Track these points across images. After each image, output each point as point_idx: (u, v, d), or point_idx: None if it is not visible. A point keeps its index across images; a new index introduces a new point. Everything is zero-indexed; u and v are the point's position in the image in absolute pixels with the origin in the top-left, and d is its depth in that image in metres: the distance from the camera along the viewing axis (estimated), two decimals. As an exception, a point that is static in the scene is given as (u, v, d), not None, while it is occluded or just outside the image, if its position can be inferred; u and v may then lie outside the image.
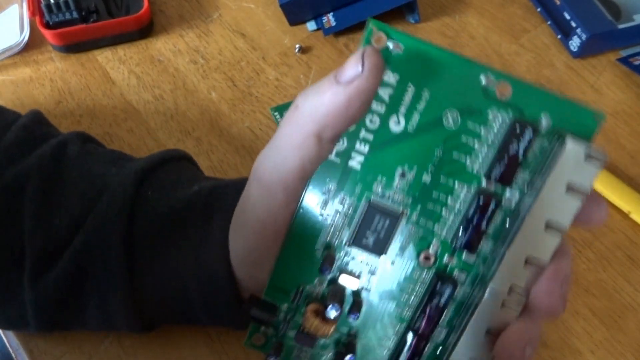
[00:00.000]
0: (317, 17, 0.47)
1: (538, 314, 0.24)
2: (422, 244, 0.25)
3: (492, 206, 0.24)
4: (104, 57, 0.45)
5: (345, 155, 0.24)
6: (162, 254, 0.28)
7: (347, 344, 0.26)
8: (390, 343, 0.26)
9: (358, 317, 0.25)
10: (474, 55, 0.46)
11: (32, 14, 0.43)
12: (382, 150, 0.24)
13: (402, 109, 0.23)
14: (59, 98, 0.42)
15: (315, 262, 0.25)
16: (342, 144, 0.24)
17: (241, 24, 0.47)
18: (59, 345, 0.32)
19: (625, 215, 0.38)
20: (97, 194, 0.28)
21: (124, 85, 0.43)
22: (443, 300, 0.25)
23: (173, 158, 0.32)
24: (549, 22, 0.48)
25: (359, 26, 0.46)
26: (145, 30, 0.45)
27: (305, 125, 0.23)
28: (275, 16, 0.47)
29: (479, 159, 0.24)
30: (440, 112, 0.23)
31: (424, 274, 0.25)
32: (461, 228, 0.24)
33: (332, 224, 0.25)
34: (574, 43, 0.45)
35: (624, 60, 0.46)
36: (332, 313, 0.24)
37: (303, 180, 0.24)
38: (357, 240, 0.25)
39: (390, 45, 0.23)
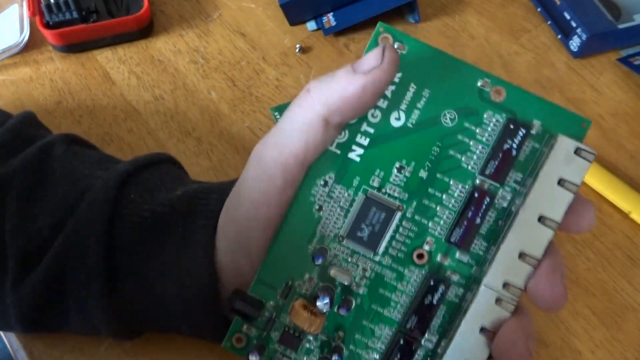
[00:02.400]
0: (317, 17, 0.46)
1: (541, 307, 0.24)
2: (416, 242, 0.25)
3: (486, 201, 0.24)
4: (104, 57, 0.45)
5: (346, 147, 0.25)
6: (144, 258, 0.27)
7: (334, 348, 0.26)
8: (380, 345, 0.26)
9: (348, 311, 0.25)
10: (474, 55, 0.46)
11: (32, 14, 0.43)
12: (382, 144, 0.25)
13: (403, 106, 0.25)
14: (59, 98, 0.42)
15: (306, 256, 0.25)
16: (343, 136, 0.25)
17: (241, 24, 0.47)
18: (59, 346, 0.32)
19: (625, 215, 0.38)
20: (79, 195, 0.28)
21: (124, 86, 0.43)
22: (435, 299, 0.25)
23: (159, 161, 0.31)
24: (549, 22, 0.48)
25: (359, 26, 0.46)
26: (145, 30, 0.45)
27: (315, 107, 0.23)
28: (276, 16, 0.47)
29: (474, 157, 0.25)
30: (439, 111, 0.25)
31: (417, 272, 0.25)
32: (455, 223, 0.24)
33: (328, 217, 0.25)
34: (574, 43, 0.45)
35: (624, 60, 0.45)
36: (322, 305, 0.24)
37: (303, 165, 0.24)
38: (351, 233, 0.25)
39: (396, 45, 0.24)
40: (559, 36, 0.47)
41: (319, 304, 0.24)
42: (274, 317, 0.26)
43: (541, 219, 0.23)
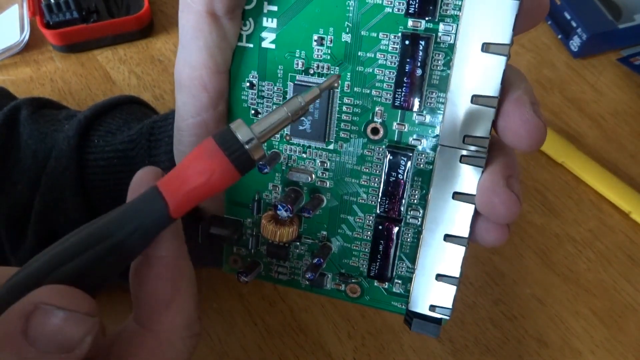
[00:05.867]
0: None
1: (520, 146, 0.21)
2: (365, 116, 0.22)
3: (421, 45, 0.20)
4: (104, 57, 0.45)
5: (256, 37, 0.22)
6: (115, 199, 0.27)
7: (321, 247, 0.24)
8: (367, 233, 0.24)
9: (310, 213, 0.23)
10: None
11: (33, 14, 0.43)
12: (291, 19, 0.22)
13: None
14: (59, 98, 0.42)
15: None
16: (248, 27, 0.22)
17: (241, 23, 0.47)
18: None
19: (625, 215, 0.38)
20: (48, 151, 0.28)
21: (125, 85, 0.43)
22: (400, 173, 0.22)
23: (120, 102, 0.31)
24: (549, 22, 0.48)
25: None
26: (146, 30, 0.45)
27: (193, 6, 0.21)
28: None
29: None
30: None
31: (377, 149, 0.22)
32: (396, 83, 0.21)
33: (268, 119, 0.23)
34: (575, 43, 0.45)
35: (624, 60, 0.46)
36: (282, 214, 0.23)
37: (219, 73, 0.22)
38: (294, 129, 0.23)
39: None
40: (559, 36, 0.47)
41: (279, 213, 0.23)
42: (255, 232, 0.25)
43: (485, 47, 0.20)
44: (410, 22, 0.21)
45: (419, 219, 0.23)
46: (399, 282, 0.24)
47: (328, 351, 0.32)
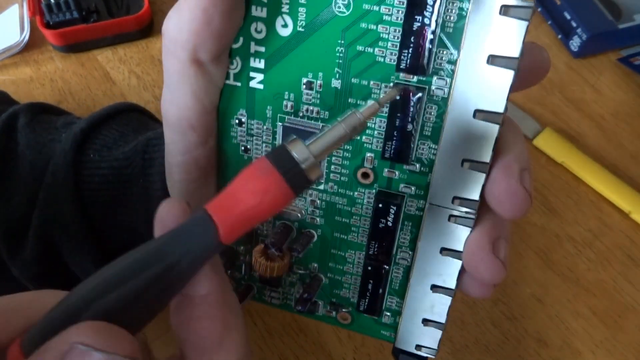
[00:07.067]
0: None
1: (503, 215, 0.20)
2: (355, 161, 0.22)
3: (413, 99, 0.20)
4: (104, 57, 0.45)
5: (244, 76, 0.22)
6: (112, 214, 0.27)
7: (311, 280, 0.25)
8: (356, 269, 0.24)
9: (299, 252, 0.23)
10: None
11: (33, 14, 0.43)
12: (279, 61, 0.21)
13: (285, 8, 0.20)
14: (59, 98, 0.42)
15: None
16: (235, 66, 0.21)
17: (241, 23, 0.47)
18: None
19: (625, 215, 0.38)
20: (45, 162, 0.28)
21: (125, 85, 0.43)
22: (390, 220, 0.22)
23: (116, 112, 0.30)
24: (549, 22, 0.48)
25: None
26: (146, 30, 0.45)
27: (177, 53, 0.20)
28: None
29: (389, 44, 0.20)
30: (328, 1, 0.20)
31: (367, 192, 0.22)
32: (386, 136, 0.21)
33: (256, 155, 0.23)
34: (575, 43, 0.45)
35: (625, 60, 0.46)
36: (271, 252, 0.23)
37: (207, 113, 0.22)
38: None
39: None
40: (559, 36, 0.47)
41: (269, 252, 0.23)
42: (248, 259, 0.25)
43: (476, 114, 0.19)
44: (401, 74, 0.20)
45: (408, 260, 0.23)
46: (388, 314, 0.24)
47: (328, 351, 0.32)
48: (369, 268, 0.23)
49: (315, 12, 0.20)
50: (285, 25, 0.20)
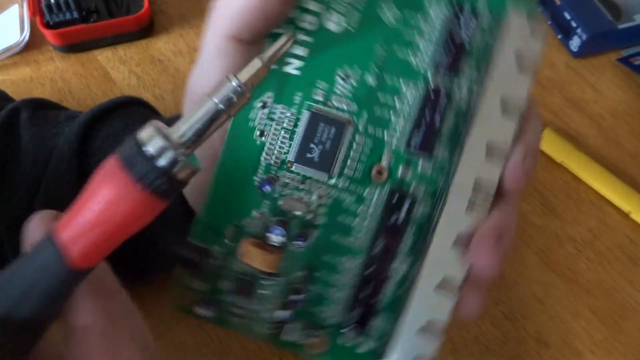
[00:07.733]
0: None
1: (513, 198, 0.22)
2: (373, 157, 0.22)
3: (442, 99, 0.22)
4: (105, 57, 0.45)
5: (281, 60, 0.22)
6: None
7: (295, 290, 0.23)
8: (349, 279, 0.23)
9: (306, 240, 0.22)
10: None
11: (33, 14, 0.43)
12: (322, 52, 0.22)
13: (340, 8, 0.22)
14: (59, 98, 0.42)
15: (252, 190, 0.22)
16: None
17: (241, 23, 0.47)
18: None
19: (625, 215, 0.38)
20: (49, 155, 0.28)
21: (125, 85, 0.43)
22: (402, 216, 0.22)
23: (121, 104, 0.30)
24: (549, 22, 0.48)
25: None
26: (146, 30, 0.45)
27: (221, 27, 0.21)
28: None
29: (422, 53, 0.22)
30: (380, 9, 0.22)
31: (378, 192, 0.22)
32: (413, 126, 0.22)
33: (272, 142, 0.22)
34: (574, 43, 0.45)
35: (624, 60, 0.46)
36: (276, 237, 0.21)
37: None
38: (300, 156, 0.22)
39: None
40: (559, 36, 0.47)
41: (272, 237, 0.22)
42: (223, 264, 0.23)
43: (504, 104, 0.21)
44: (430, 76, 0.22)
45: (406, 268, 0.23)
46: (373, 335, 0.23)
47: (328, 351, 0.32)
48: (366, 273, 0.23)
49: (366, 16, 0.22)
50: (336, 22, 0.22)
